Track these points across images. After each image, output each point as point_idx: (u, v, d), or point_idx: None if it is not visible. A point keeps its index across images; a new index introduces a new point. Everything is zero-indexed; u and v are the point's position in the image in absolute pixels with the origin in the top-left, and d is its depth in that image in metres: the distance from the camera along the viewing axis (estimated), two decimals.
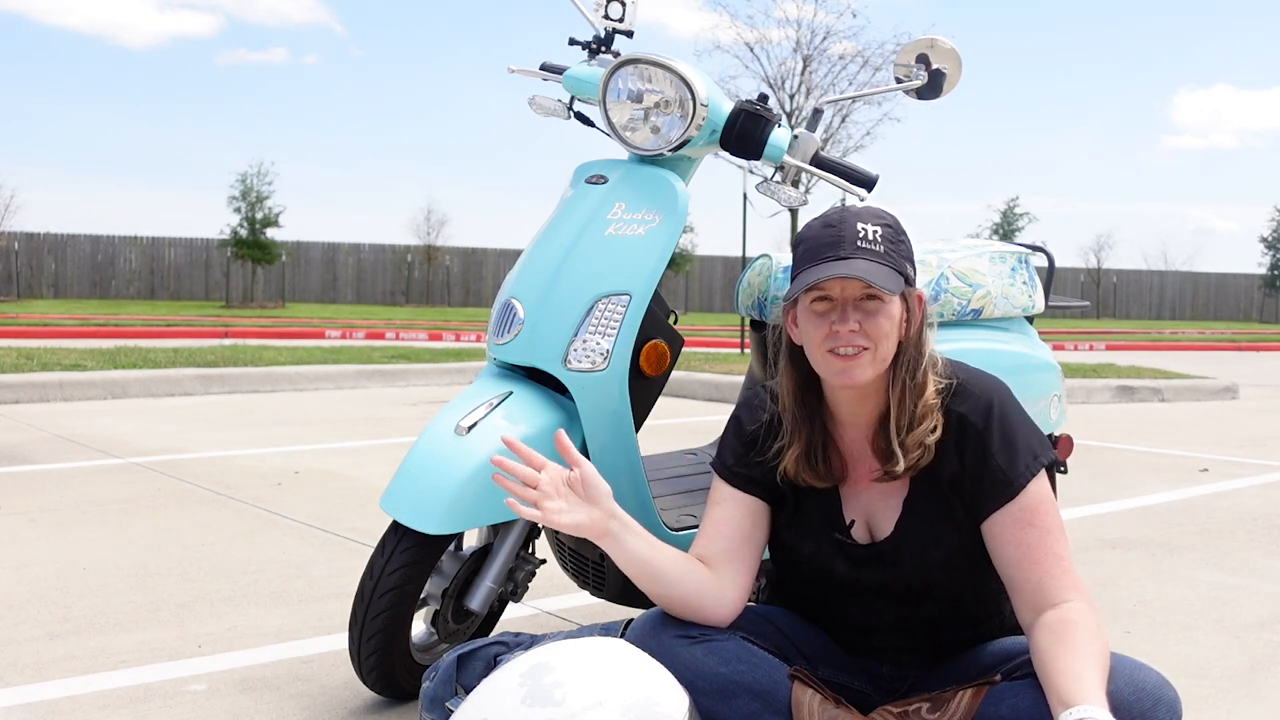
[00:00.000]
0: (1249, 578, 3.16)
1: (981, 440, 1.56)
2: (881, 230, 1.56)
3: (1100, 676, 1.36)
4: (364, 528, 3.62)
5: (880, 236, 1.56)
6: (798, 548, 1.67)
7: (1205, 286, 41.95)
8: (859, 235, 1.54)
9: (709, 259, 36.71)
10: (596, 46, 2.39)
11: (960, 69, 2.23)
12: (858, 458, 1.64)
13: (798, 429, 1.63)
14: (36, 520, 3.66)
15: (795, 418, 1.63)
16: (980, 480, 1.55)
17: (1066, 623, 1.44)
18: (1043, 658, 1.42)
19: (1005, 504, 1.53)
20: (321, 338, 14.80)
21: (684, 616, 1.59)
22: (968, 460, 1.56)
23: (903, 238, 1.60)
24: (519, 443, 1.58)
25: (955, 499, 1.58)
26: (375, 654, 1.96)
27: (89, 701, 2.10)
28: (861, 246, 1.54)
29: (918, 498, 1.59)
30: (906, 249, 1.60)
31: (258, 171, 28.48)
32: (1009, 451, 1.55)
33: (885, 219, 1.59)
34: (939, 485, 1.58)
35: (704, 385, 8.41)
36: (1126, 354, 15.00)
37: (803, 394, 1.64)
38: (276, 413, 6.83)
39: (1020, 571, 1.51)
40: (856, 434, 1.64)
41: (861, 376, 1.54)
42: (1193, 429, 6.88)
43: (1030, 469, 1.55)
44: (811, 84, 20.72)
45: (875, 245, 1.54)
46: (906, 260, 1.58)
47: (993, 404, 1.58)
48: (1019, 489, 1.53)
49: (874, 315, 1.53)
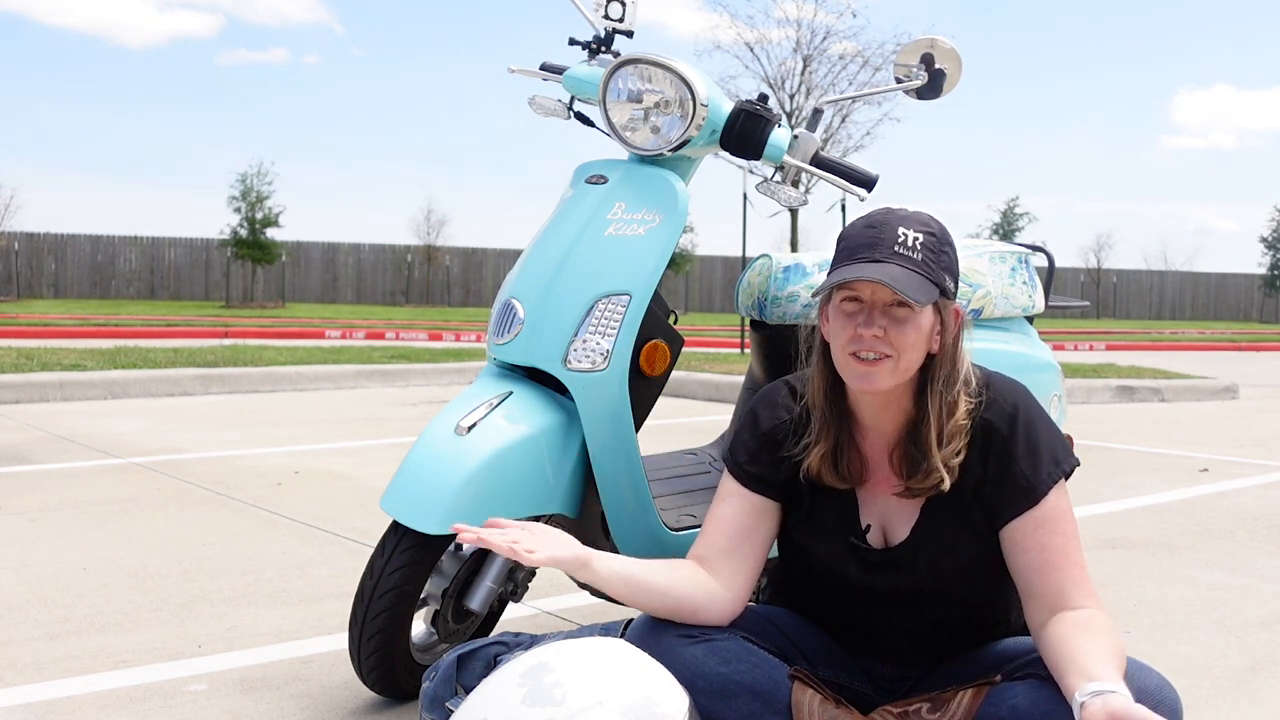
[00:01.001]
0: (1249, 578, 3.16)
1: (1006, 446, 1.55)
2: (923, 238, 1.53)
3: (1120, 671, 1.36)
4: (364, 528, 3.62)
5: (920, 244, 1.52)
6: (811, 549, 1.66)
7: (1205, 286, 41.94)
8: (898, 240, 1.52)
9: (709, 259, 36.70)
10: (596, 46, 2.39)
11: (960, 69, 2.23)
12: (877, 465, 1.62)
13: (826, 427, 1.61)
14: (36, 520, 3.66)
15: (825, 415, 1.61)
16: (1003, 486, 1.54)
17: (1088, 620, 1.44)
18: (1063, 642, 1.40)
19: (1027, 510, 1.52)
20: (321, 338, 14.79)
21: (682, 620, 1.59)
22: (991, 466, 1.55)
23: (946, 249, 1.56)
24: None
25: (975, 505, 1.57)
26: (375, 654, 1.96)
27: (89, 701, 2.10)
28: (898, 251, 1.51)
29: (936, 505, 1.58)
30: (948, 260, 1.56)
31: (258, 171, 28.47)
32: (1033, 459, 1.54)
33: (930, 227, 1.55)
34: (960, 492, 1.57)
35: (704, 385, 8.41)
36: (1126, 354, 15.00)
37: (832, 393, 1.62)
38: (276, 413, 6.83)
39: (1041, 578, 1.50)
40: (879, 441, 1.62)
41: (879, 384, 1.52)
42: (1193, 429, 6.88)
43: (1052, 476, 1.54)
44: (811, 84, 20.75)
45: (913, 252, 1.52)
46: (946, 272, 1.54)
47: (1018, 410, 1.57)
48: (1041, 496, 1.53)
49: (901, 324, 1.50)
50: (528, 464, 1.95)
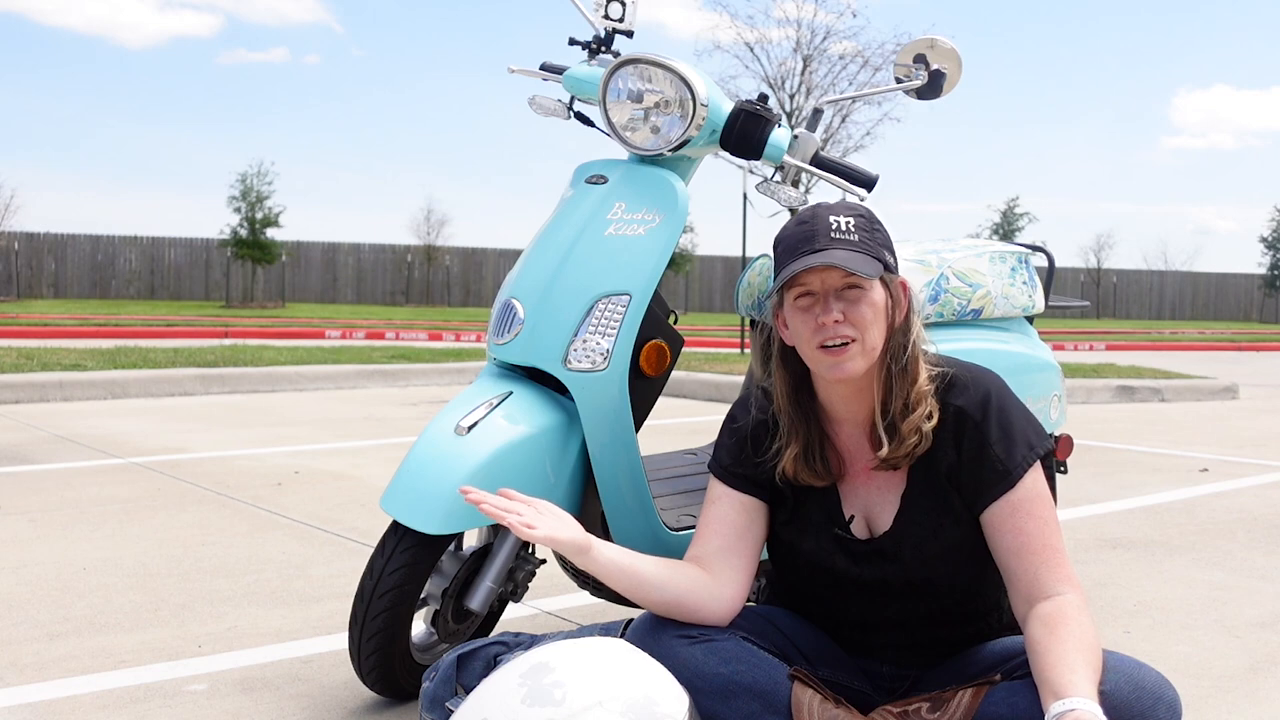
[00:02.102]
0: (1249, 578, 3.16)
1: (979, 431, 1.57)
2: (854, 220, 1.59)
3: (1090, 671, 1.37)
4: (364, 528, 3.62)
5: (854, 226, 1.58)
6: (797, 546, 1.67)
7: (1205, 286, 41.95)
8: (832, 227, 1.57)
9: (709, 259, 36.70)
10: (596, 46, 2.39)
11: (960, 69, 2.23)
12: (855, 454, 1.65)
13: (794, 429, 1.64)
14: (36, 520, 3.66)
15: (791, 418, 1.65)
16: (978, 471, 1.56)
17: (1058, 615, 1.45)
18: (1035, 650, 1.43)
19: (1003, 494, 1.54)
20: (321, 338, 14.79)
21: (680, 618, 1.59)
22: (965, 452, 1.57)
23: (877, 226, 1.62)
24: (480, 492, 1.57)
25: (953, 491, 1.59)
26: (375, 654, 1.96)
27: (89, 701, 2.10)
28: (835, 237, 1.56)
29: (916, 491, 1.60)
30: (882, 237, 1.61)
31: (258, 171, 28.48)
32: (1006, 442, 1.56)
33: (858, 210, 1.61)
34: (936, 478, 1.59)
35: (704, 385, 8.41)
36: (1126, 354, 15.00)
37: (796, 394, 1.65)
38: (276, 413, 6.83)
39: (1018, 561, 1.52)
40: (853, 430, 1.64)
41: (853, 369, 1.55)
42: (1193, 429, 6.88)
43: (1027, 459, 1.56)
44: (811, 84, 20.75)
45: (849, 235, 1.57)
46: (884, 248, 1.60)
47: (990, 395, 1.59)
48: (1016, 479, 1.54)
49: (856, 304, 1.55)
50: (528, 464, 1.95)
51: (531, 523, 1.52)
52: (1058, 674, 1.36)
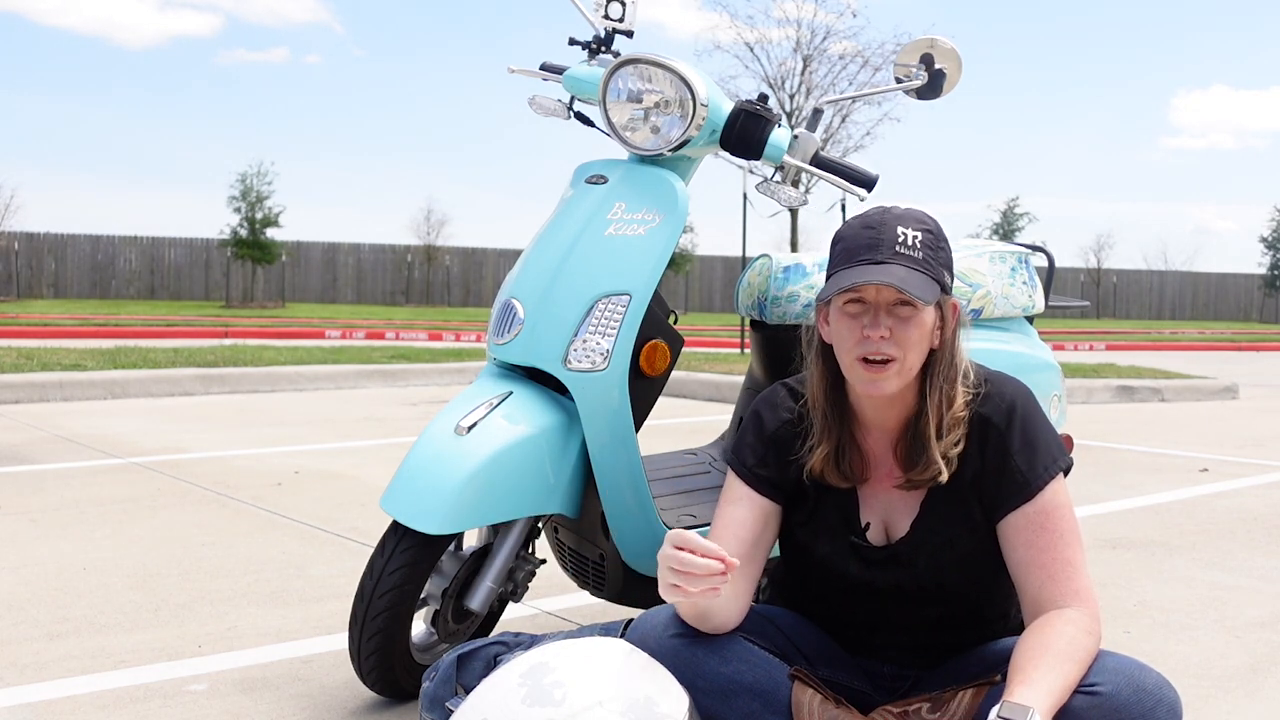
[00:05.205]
0: (1249, 578, 3.16)
1: (1003, 440, 1.56)
2: (921, 236, 1.54)
3: (1054, 676, 1.36)
4: (364, 528, 3.62)
5: (920, 242, 1.54)
6: (812, 548, 1.66)
7: (1205, 286, 41.95)
8: (898, 240, 1.53)
9: (709, 259, 36.71)
10: (596, 46, 2.39)
11: (960, 69, 2.23)
12: (880, 461, 1.63)
13: (828, 427, 1.62)
14: (36, 520, 3.66)
15: (826, 415, 1.62)
16: (999, 479, 1.55)
17: (1046, 621, 1.44)
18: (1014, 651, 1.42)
19: (1022, 504, 1.53)
20: (321, 338, 14.79)
21: (694, 624, 1.58)
22: (988, 460, 1.56)
23: (943, 244, 1.58)
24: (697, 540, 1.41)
25: (973, 499, 1.58)
26: (375, 654, 1.96)
27: (89, 701, 2.10)
28: (900, 251, 1.52)
29: (935, 499, 1.59)
30: (945, 256, 1.57)
31: (258, 171, 28.48)
32: (1029, 453, 1.55)
33: (926, 224, 1.57)
34: (959, 486, 1.58)
35: (704, 385, 8.41)
36: (1126, 354, 15.00)
37: (833, 393, 1.62)
38: (276, 413, 6.83)
39: (1030, 574, 1.51)
40: (881, 437, 1.63)
41: (887, 388, 1.53)
42: (1193, 429, 6.88)
43: (1049, 471, 1.55)
44: (811, 84, 20.75)
45: (914, 251, 1.53)
46: (944, 268, 1.56)
47: (1015, 406, 1.58)
48: (1036, 490, 1.53)
49: (906, 322, 1.51)
50: (528, 464, 1.95)
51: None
52: (1016, 676, 1.36)
